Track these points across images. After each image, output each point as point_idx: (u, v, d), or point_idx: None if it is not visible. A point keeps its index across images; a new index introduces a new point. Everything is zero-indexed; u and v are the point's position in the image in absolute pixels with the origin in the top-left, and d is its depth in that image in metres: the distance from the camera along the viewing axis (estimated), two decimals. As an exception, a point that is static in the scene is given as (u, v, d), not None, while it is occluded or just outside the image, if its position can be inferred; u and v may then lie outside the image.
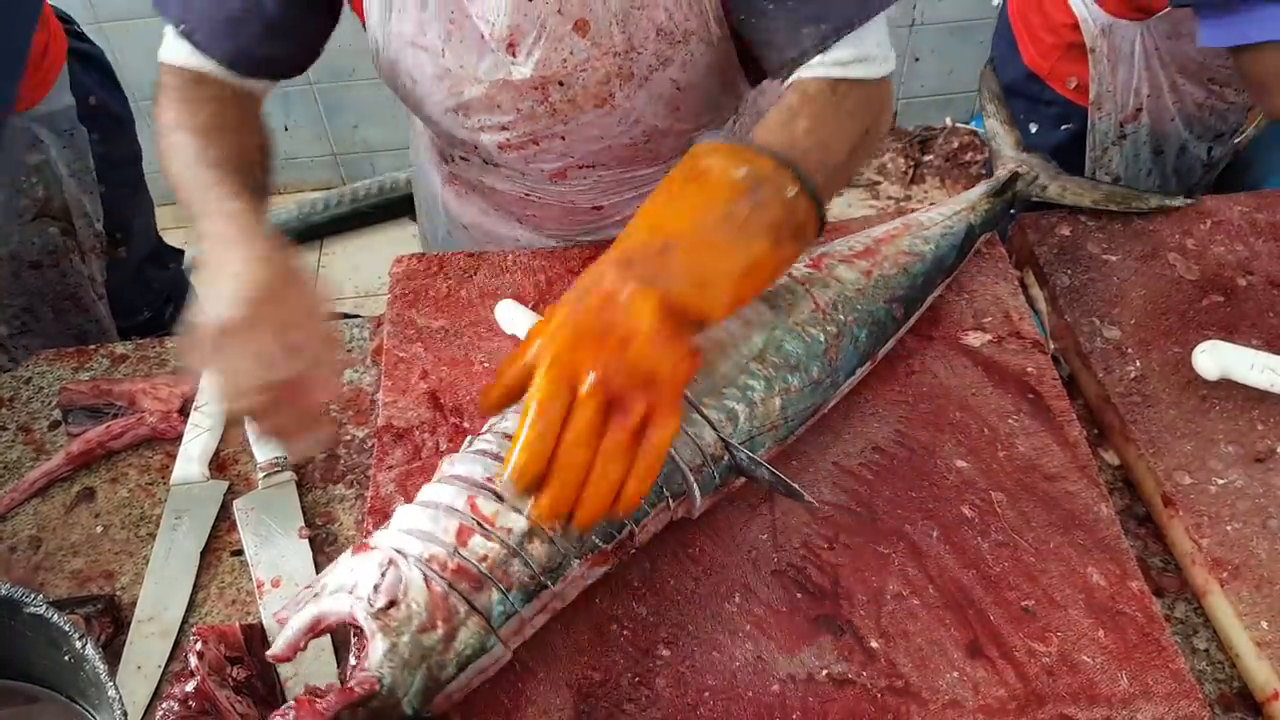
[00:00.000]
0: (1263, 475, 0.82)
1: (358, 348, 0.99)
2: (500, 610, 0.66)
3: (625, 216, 0.98)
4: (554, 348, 0.64)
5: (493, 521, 0.67)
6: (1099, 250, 1.01)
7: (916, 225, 0.95)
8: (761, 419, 0.78)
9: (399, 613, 0.63)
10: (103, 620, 0.77)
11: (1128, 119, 1.33)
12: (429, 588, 0.64)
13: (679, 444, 0.73)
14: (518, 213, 1.11)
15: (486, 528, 0.67)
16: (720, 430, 0.75)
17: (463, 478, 0.70)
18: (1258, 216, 1.04)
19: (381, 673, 0.62)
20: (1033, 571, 0.77)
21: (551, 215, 1.10)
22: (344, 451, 0.90)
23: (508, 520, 0.67)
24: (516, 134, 0.96)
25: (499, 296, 0.97)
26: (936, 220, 0.96)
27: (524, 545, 0.67)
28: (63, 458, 0.89)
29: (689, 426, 0.73)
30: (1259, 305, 0.95)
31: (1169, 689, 0.71)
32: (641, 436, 0.64)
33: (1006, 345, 0.92)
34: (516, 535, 0.67)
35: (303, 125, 2.59)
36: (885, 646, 0.73)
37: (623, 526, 0.71)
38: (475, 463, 0.70)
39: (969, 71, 2.63)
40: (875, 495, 0.82)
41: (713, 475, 0.75)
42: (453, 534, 0.66)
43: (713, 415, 0.75)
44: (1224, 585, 0.76)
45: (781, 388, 0.79)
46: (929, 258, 0.92)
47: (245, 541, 0.83)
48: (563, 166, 1.01)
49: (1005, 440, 0.85)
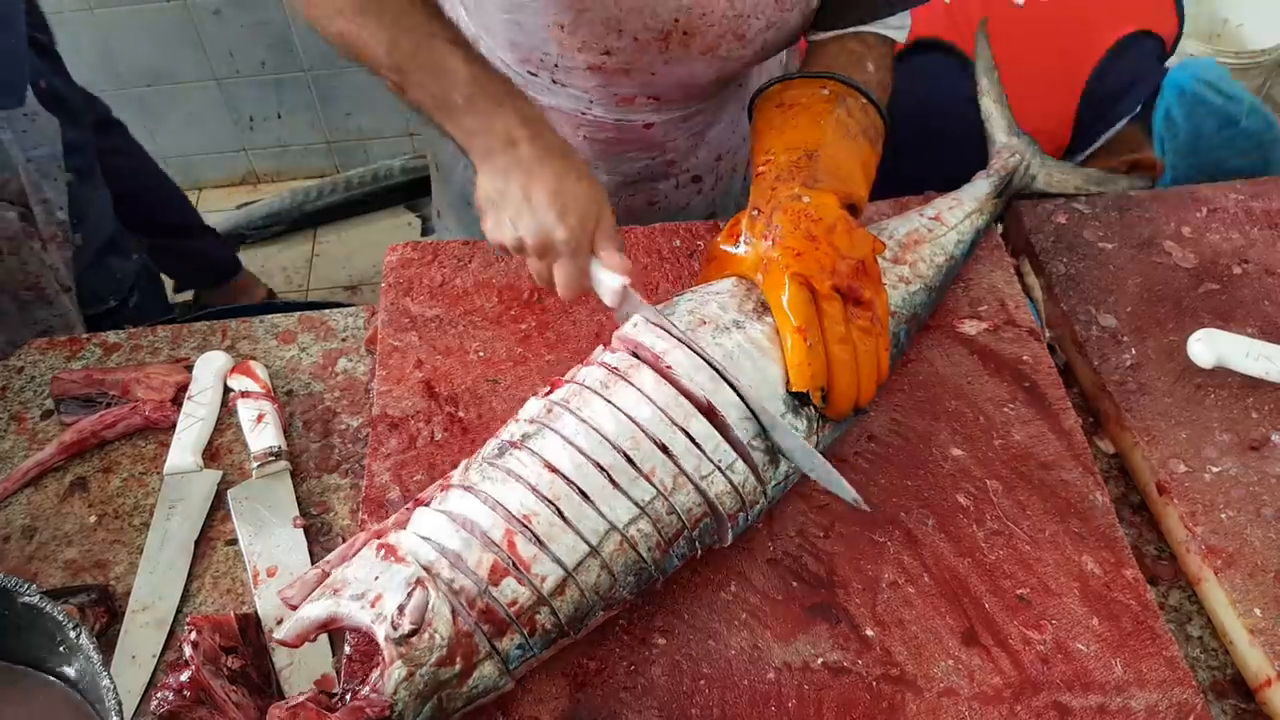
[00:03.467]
0: (1257, 463, 0.82)
1: (352, 337, 0.99)
2: (518, 654, 0.66)
3: (671, 136, 1.10)
4: (784, 261, 0.76)
5: (529, 567, 0.65)
6: (1095, 238, 1.01)
7: (933, 235, 0.93)
8: None
9: (421, 642, 0.62)
10: (97, 610, 0.77)
11: None
12: (455, 623, 0.63)
13: (723, 495, 0.71)
14: (567, 133, 1.10)
15: (521, 572, 0.65)
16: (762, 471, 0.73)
17: (502, 505, 0.67)
18: (1253, 205, 1.04)
19: (395, 699, 0.61)
20: (1028, 559, 0.77)
21: (604, 132, 1.09)
22: (338, 441, 0.90)
23: (544, 568, 0.65)
24: (616, 60, 0.97)
25: (493, 285, 0.97)
26: (951, 226, 0.94)
27: (555, 596, 0.66)
28: (55, 447, 0.88)
29: (733, 475, 0.71)
30: (1254, 293, 0.95)
31: (1163, 676, 0.71)
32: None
33: (1002, 334, 0.92)
34: (550, 585, 0.65)
35: (296, 113, 2.57)
36: (881, 635, 0.73)
37: (651, 578, 0.70)
38: (513, 489, 0.68)
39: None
40: (871, 484, 0.82)
41: (746, 519, 0.73)
42: (486, 569, 0.65)
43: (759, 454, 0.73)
44: (1218, 573, 0.76)
45: (819, 426, 0.77)
46: (946, 270, 0.92)
47: (240, 531, 0.83)
48: (633, 94, 1.03)
49: (1001, 428, 0.85)
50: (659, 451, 0.69)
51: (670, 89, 1.03)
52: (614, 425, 0.70)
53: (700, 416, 0.71)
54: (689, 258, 1.00)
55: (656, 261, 1.00)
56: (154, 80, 2.43)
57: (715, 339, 0.75)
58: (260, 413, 0.89)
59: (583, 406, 0.71)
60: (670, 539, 0.70)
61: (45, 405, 0.93)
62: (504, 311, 0.95)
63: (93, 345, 0.99)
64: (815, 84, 0.91)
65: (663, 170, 1.15)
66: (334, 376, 0.95)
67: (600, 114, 1.06)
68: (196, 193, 2.73)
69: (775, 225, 0.78)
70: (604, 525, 0.67)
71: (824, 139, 0.84)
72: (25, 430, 0.92)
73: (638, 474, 0.69)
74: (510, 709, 0.70)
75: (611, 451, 0.69)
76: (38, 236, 1.27)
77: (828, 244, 0.76)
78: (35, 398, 0.94)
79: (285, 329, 1.00)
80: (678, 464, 0.69)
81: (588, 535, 0.67)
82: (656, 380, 0.72)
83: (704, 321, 0.76)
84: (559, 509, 0.67)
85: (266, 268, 2.54)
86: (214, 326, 1.00)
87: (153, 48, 2.39)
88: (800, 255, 0.76)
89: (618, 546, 0.68)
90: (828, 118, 0.86)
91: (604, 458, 0.69)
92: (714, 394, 0.72)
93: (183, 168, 2.68)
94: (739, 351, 0.75)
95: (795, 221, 0.77)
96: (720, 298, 0.79)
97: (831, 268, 0.75)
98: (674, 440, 0.70)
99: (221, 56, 2.44)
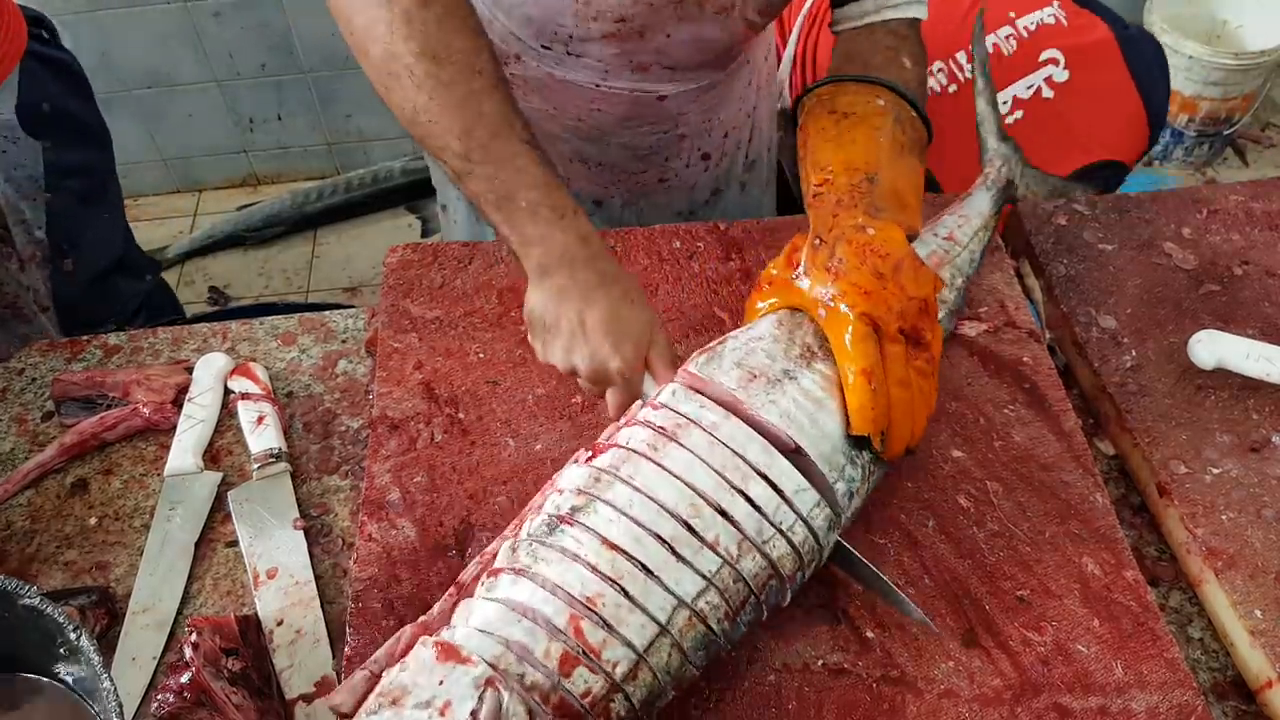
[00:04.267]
0: (1258, 465, 0.82)
1: (352, 338, 0.99)
2: None
3: (684, 109, 1.09)
4: (851, 299, 0.74)
5: (599, 653, 0.61)
6: (1095, 239, 1.01)
7: (950, 252, 0.92)
8: (854, 511, 0.74)
9: None
10: (97, 612, 0.77)
11: None
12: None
13: (784, 557, 0.68)
14: (582, 106, 1.09)
15: (592, 659, 0.61)
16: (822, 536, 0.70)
17: (563, 588, 0.63)
18: (1254, 206, 1.04)
19: None
20: (1028, 561, 0.77)
21: (619, 104, 1.08)
22: (338, 443, 0.90)
23: (615, 653, 0.62)
24: (630, 25, 0.96)
25: (493, 287, 0.97)
26: (964, 245, 0.93)
27: (628, 681, 0.62)
28: (56, 449, 0.88)
29: (794, 536, 0.68)
30: (1255, 294, 0.95)
31: (1163, 678, 0.71)
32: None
33: (1002, 335, 0.92)
34: (622, 670, 0.62)
35: (296, 114, 2.58)
36: (881, 636, 0.73)
37: (719, 650, 0.67)
38: (571, 570, 0.64)
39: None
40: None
41: (803, 577, 0.70)
42: (555, 660, 0.61)
43: (819, 519, 0.69)
44: (1218, 574, 0.76)
45: (869, 472, 0.75)
46: (963, 290, 0.91)
47: (240, 533, 0.83)
48: (648, 61, 1.02)
49: (1001, 430, 0.85)
50: (720, 518, 0.66)
51: (684, 54, 1.03)
52: (671, 493, 0.66)
53: (759, 478, 0.68)
54: (689, 259, 1.00)
55: (656, 263, 1.00)
56: (154, 82, 2.43)
57: (769, 396, 0.72)
58: (260, 414, 0.89)
59: (634, 474, 0.67)
60: (738, 608, 0.66)
61: (46, 407, 0.93)
62: (504, 313, 0.95)
63: (93, 347, 0.99)
64: (869, 92, 0.89)
65: (674, 145, 1.15)
66: (334, 378, 0.95)
67: (615, 85, 1.06)
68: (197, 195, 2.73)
69: (840, 258, 0.75)
70: (672, 601, 0.64)
71: (881, 160, 0.83)
72: (26, 432, 0.92)
73: (701, 544, 0.65)
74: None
75: (671, 521, 0.65)
76: (15, 257, 1.28)
77: (895, 284, 0.74)
78: (36, 399, 0.94)
79: (285, 331, 1.00)
80: (740, 530, 0.66)
81: (656, 614, 0.63)
82: (710, 442, 0.68)
83: (754, 376, 0.73)
84: (623, 588, 0.63)
85: (267, 269, 2.54)
86: (214, 328, 1.00)
87: (153, 49, 2.39)
88: (868, 295, 0.73)
89: (687, 622, 0.64)
90: (884, 134, 0.85)
91: (664, 529, 0.65)
92: (769, 466, 0.68)
93: (183, 170, 2.69)
94: (795, 409, 0.72)
95: (861, 256, 0.75)
96: (764, 344, 0.76)
97: (900, 310, 0.74)
98: (734, 505, 0.66)
99: (222, 58, 2.44)
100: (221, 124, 2.58)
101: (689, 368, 0.74)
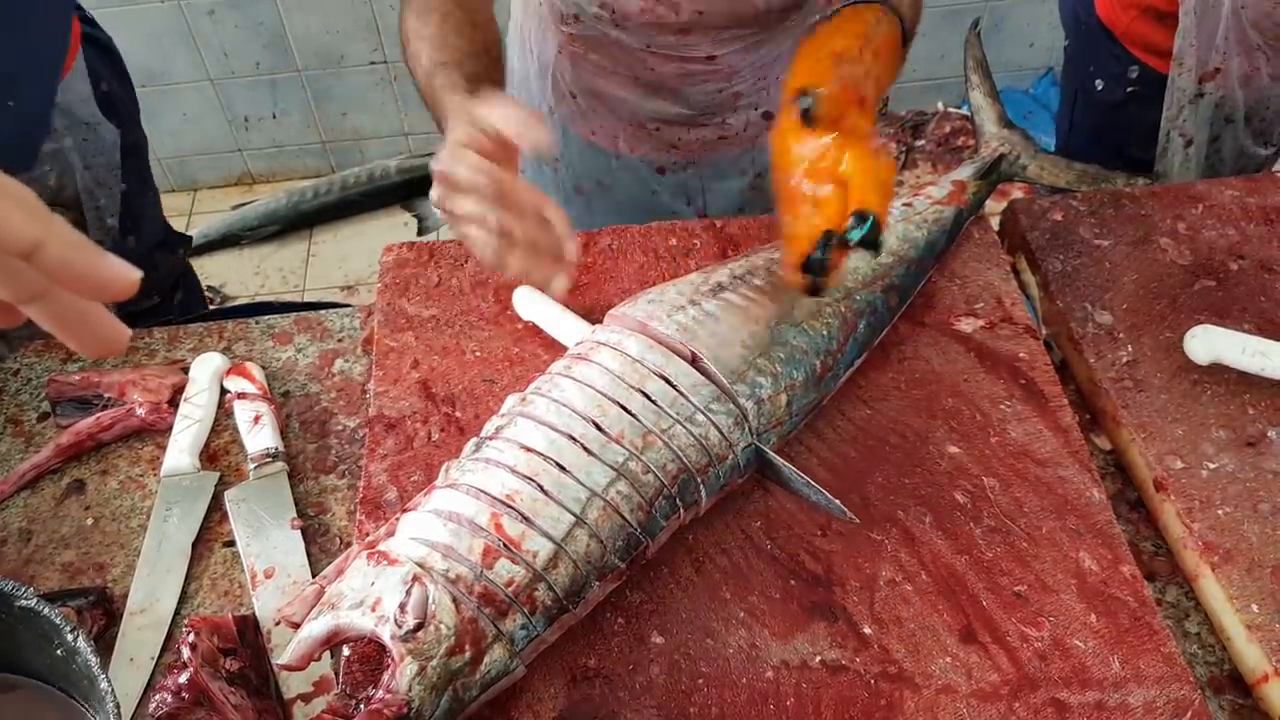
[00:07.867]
0: (1254, 459, 0.82)
1: (348, 337, 0.99)
2: (523, 634, 0.66)
3: (736, 66, 1.14)
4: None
5: (519, 544, 0.66)
6: (1091, 235, 1.01)
7: (909, 210, 0.95)
8: (769, 416, 0.78)
9: (428, 635, 0.62)
10: (94, 613, 0.77)
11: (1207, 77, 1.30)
12: (458, 610, 0.63)
13: (688, 448, 0.73)
14: (636, 69, 1.16)
15: (513, 550, 0.66)
16: (727, 431, 0.75)
17: (484, 491, 0.68)
18: (1249, 200, 1.04)
19: (410, 695, 0.61)
20: (1025, 557, 0.77)
21: (669, 67, 1.14)
22: (335, 442, 0.90)
23: (534, 544, 0.66)
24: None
25: (489, 285, 0.97)
26: (927, 205, 0.96)
27: (549, 570, 0.66)
28: (52, 450, 0.88)
29: (694, 428, 0.74)
30: (1250, 289, 0.95)
31: (1160, 672, 0.71)
32: None
33: (999, 331, 0.92)
34: (542, 560, 0.66)
35: (291, 113, 2.57)
36: (878, 633, 0.73)
37: (639, 543, 0.71)
38: (493, 474, 0.69)
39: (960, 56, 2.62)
40: (868, 482, 0.82)
41: (718, 476, 0.75)
42: (478, 554, 0.66)
43: (721, 415, 0.75)
44: (1215, 569, 0.76)
45: (787, 384, 0.79)
46: (922, 244, 0.92)
47: (237, 532, 0.83)
48: (690, 24, 1.07)
49: (997, 426, 0.85)
50: (624, 414, 0.73)
51: (721, 17, 1.06)
52: (582, 399, 0.74)
53: (656, 378, 0.75)
54: (685, 256, 1.00)
55: (653, 260, 1.00)
56: (148, 80, 2.43)
57: (673, 318, 0.80)
58: (257, 414, 0.89)
59: (552, 389, 0.75)
60: (651, 499, 0.71)
61: (41, 407, 0.93)
62: (500, 311, 0.95)
63: (89, 347, 0.98)
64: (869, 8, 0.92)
65: (730, 102, 1.18)
66: (330, 377, 0.95)
67: (662, 47, 1.10)
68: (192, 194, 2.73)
69: None
70: (584, 493, 0.69)
71: (869, 34, 0.86)
72: (21, 433, 0.92)
73: (608, 439, 0.71)
74: (508, 707, 0.70)
75: (582, 422, 0.72)
76: None
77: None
78: (31, 400, 0.94)
79: (281, 330, 1.00)
80: (641, 421, 0.73)
81: (570, 505, 0.68)
82: (615, 355, 0.77)
83: (662, 305, 0.82)
84: (539, 484, 0.69)
85: (263, 268, 2.54)
86: (210, 328, 1.00)
87: (147, 48, 2.39)
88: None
89: (601, 512, 0.69)
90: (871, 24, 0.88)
91: (575, 429, 0.72)
92: (665, 366, 0.76)
93: (178, 169, 2.68)
94: (693, 323, 0.80)
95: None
96: (678, 285, 0.85)
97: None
98: (631, 400, 0.74)
99: (216, 57, 2.44)
100: (216, 123, 2.58)
101: (611, 310, 0.83)
